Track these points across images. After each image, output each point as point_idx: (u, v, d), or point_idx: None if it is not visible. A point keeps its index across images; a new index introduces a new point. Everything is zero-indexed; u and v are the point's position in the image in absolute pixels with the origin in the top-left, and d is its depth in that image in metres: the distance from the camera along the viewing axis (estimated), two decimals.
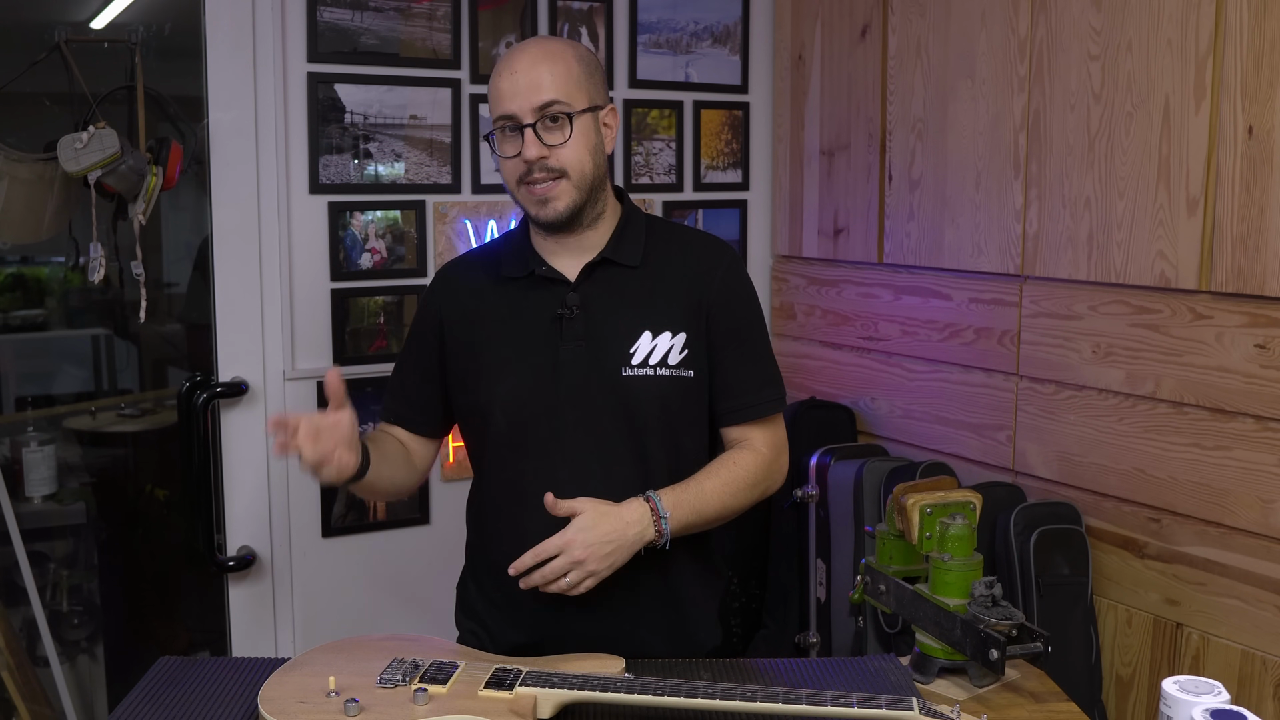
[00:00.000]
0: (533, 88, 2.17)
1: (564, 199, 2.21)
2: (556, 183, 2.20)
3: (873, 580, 2.31)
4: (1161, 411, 2.88)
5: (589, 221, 2.29)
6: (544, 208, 2.21)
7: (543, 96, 2.17)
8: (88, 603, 4.22)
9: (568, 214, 2.22)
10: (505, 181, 2.27)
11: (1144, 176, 2.87)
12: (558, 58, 2.22)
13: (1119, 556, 3.01)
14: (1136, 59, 2.88)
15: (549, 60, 2.20)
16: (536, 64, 2.19)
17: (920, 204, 3.54)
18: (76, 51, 3.19)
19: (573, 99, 2.20)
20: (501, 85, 2.20)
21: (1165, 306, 2.85)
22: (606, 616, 2.27)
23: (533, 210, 2.23)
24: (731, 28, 4.05)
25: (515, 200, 2.27)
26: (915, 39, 3.52)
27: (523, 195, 2.23)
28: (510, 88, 2.18)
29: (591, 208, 2.28)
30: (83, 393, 4.85)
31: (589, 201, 2.26)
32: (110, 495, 4.48)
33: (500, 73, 2.21)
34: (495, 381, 2.28)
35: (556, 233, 2.28)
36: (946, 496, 2.21)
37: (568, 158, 2.20)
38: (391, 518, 3.60)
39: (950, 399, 3.49)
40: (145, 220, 3.14)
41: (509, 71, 2.20)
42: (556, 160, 2.19)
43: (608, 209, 2.33)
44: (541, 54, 2.22)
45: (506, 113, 2.19)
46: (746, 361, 2.37)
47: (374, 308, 3.53)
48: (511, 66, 2.20)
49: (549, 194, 2.20)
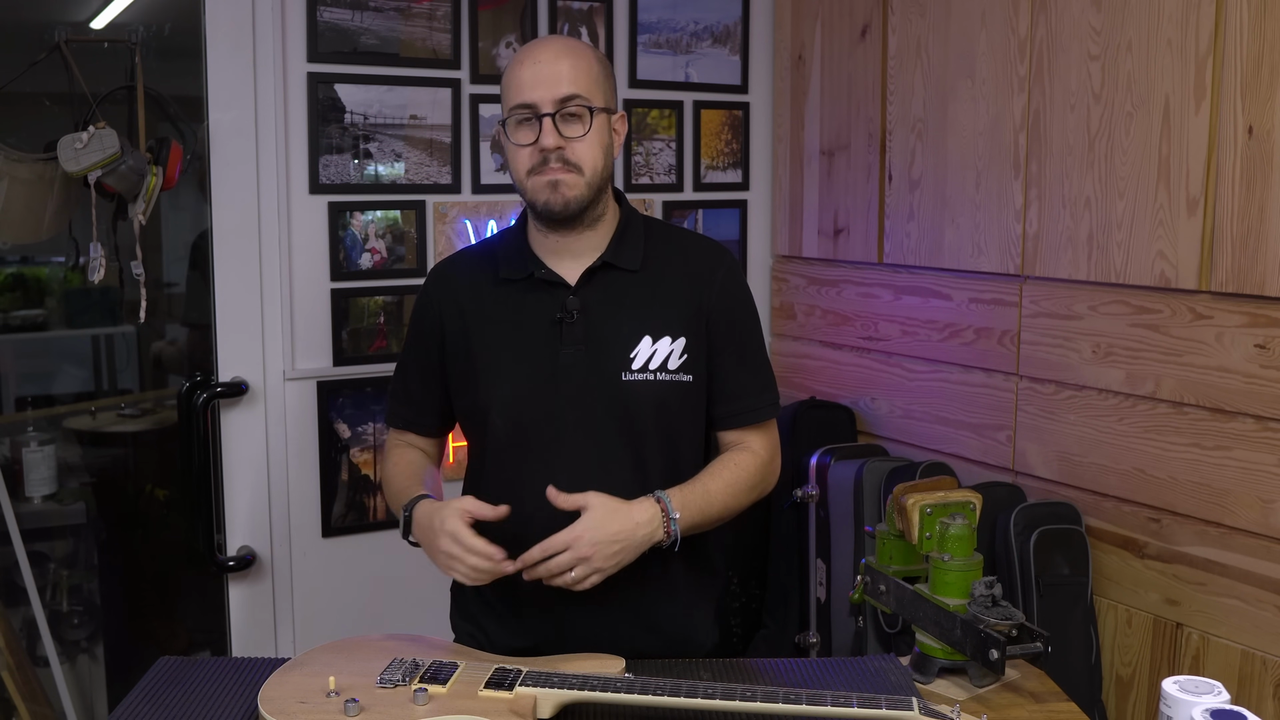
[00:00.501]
0: (555, 78, 2.17)
1: (575, 190, 2.20)
2: (571, 175, 2.20)
3: (873, 580, 2.31)
4: (1161, 411, 2.88)
5: (589, 222, 2.29)
6: (554, 193, 2.19)
7: (565, 89, 2.17)
8: (88, 603, 4.22)
9: (576, 206, 2.22)
10: (513, 172, 2.26)
11: (1144, 176, 2.87)
12: (580, 54, 2.23)
13: (1119, 556, 3.02)
14: (1136, 59, 2.88)
15: (572, 55, 2.21)
16: (560, 57, 2.20)
17: (920, 204, 3.54)
18: (76, 51, 3.19)
19: (592, 96, 2.21)
20: (523, 74, 2.19)
21: (1165, 306, 2.85)
22: (603, 617, 2.28)
23: (543, 196, 2.21)
24: (731, 28, 4.05)
25: (522, 192, 2.26)
26: (915, 39, 3.52)
27: (533, 184, 2.21)
28: (532, 77, 2.18)
29: (594, 208, 2.27)
30: (83, 393, 4.85)
31: (594, 201, 2.26)
32: (110, 495, 4.47)
33: (521, 62, 2.21)
34: (494, 384, 2.28)
35: (559, 228, 2.27)
36: (946, 496, 2.21)
37: (583, 153, 2.20)
38: (391, 518, 3.57)
39: (950, 399, 3.49)
40: (145, 220, 3.15)
41: (531, 61, 2.20)
42: (572, 153, 2.19)
43: (608, 211, 2.33)
44: (564, 48, 2.23)
45: (526, 101, 2.18)
46: (745, 366, 2.37)
47: (374, 308, 3.53)
48: (534, 56, 2.20)
49: (562, 180, 2.19)
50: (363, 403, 3.52)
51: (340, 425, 3.50)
